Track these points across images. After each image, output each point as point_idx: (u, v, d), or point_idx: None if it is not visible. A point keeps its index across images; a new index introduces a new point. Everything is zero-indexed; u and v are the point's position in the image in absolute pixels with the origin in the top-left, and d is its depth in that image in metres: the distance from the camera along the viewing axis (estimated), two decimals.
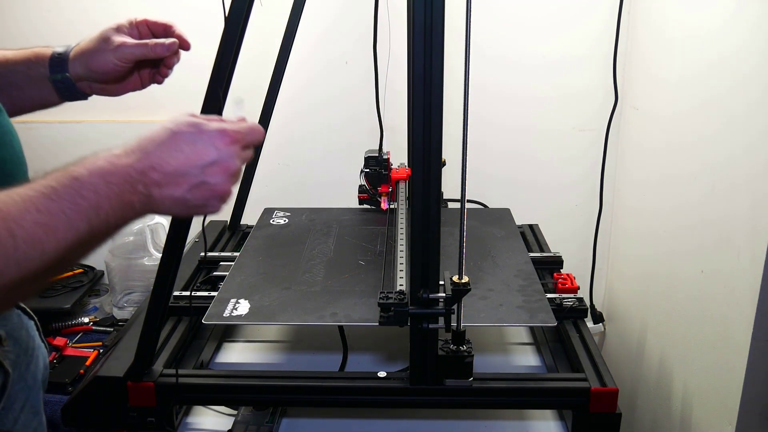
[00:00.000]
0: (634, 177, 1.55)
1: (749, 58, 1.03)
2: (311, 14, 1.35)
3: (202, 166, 0.62)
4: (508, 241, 1.24)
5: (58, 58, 0.81)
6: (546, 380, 0.94)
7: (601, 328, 1.70)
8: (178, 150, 0.62)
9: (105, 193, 0.57)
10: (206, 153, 0.63)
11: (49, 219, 0.53)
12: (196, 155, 0.62)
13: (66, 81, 0.81)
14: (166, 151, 0.61)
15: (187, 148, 0.62)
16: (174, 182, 0.61)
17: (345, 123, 1.65)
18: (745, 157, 1.04)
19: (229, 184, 0.65)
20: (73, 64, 0.81)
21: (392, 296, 0.86)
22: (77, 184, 0.56)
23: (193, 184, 0.62)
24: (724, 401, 1.07)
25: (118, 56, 0.80)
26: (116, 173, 0.58)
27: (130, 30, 0.83)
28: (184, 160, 0.62)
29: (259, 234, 1.29)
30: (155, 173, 0.60)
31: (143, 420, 0.92)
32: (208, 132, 0.63)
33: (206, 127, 0.64)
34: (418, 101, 0.76)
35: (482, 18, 1.53)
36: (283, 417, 1.02)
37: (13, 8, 1.57)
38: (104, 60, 0.80)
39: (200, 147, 0.62)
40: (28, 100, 0.83)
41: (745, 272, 1.01)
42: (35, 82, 0.81)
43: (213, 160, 0.63)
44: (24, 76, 0.81)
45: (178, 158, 0.61)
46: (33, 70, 0.81)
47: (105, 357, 0.97)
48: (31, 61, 0.81)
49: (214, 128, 0.64)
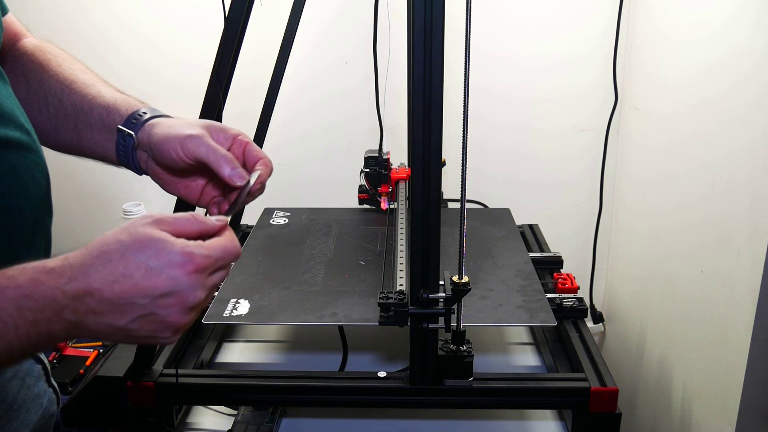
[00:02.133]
0: (634, 177, 1.55)
1: (749, 58, 1.03)
2: (311, 14, 1.35)
3: (153, 297, 0.51)
4: (508, 241, 1.24)
5: (139, 117, 0.71)
6: (546, 380, 0.94)
7: (601, 328, 1.70)
8: (126, 274, 0.50)
9: (13, 321, 0.47)
10: (160, 283, 0.51)
11: None
12: (146, 283, 0.50)
13: (128, 140, 0.70)
14: (110, 274, 0.50)
15: (137, 274, 0.50)
16: (115, 311, 0.51)
17: (345, 123, 1.65)
18: (745, 156, 1.04)
19: (184, 317, 0.54)
20: (144, 129, 0.70)
21: (392, 296, 0.86)
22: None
23: (139, 315, 0.52)
24: (724, 401, 1.07)
25: (182, 144, 0.65)
26: (36, 297, 0.48)
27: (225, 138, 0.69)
28: (131, 288, 0.50)
29: (259, 234, 1.29)
30: (92, 300, 0.50)
31: (143, 420, 0.92)
32: (168, 256, 0.51)
33: (168, 248, 0.51)
34: (418, 101, 0.76)
35: (482, 18, 1.53)
36: (283, 417, 1.02)
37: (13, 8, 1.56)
38: (169, 141, 0.66)
39: (154, 274, 0.51)
40: (93, 145, 0.73)
41: (745, 272, 1.01)
42: (106, 129, 0.72)
43: (167, 291, 0.51)
44: (99, 120, 0.72)
45: (123, 285, 0.50)
46: (110, 117, 0.72)
47: (105, 357, 0.97)
48: (115, 107, 0.72)
49: (177, 251, 0.52)
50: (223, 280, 0.57)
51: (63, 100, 0.74)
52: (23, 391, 0.75)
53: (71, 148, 0.75)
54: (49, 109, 0.74)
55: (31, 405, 0.76)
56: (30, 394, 0.76)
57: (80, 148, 0.74)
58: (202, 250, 0.53)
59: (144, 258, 0.51)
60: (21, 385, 0.75)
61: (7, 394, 0.73)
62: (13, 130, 0.64)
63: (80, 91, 0.74)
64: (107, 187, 1.68)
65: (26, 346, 0.49)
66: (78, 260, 0.51)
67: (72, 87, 0.74)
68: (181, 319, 0.54)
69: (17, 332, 0.48)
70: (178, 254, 0.52)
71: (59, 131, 0.74)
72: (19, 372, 0.75)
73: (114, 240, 0.52)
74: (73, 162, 0.80)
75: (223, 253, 0.55)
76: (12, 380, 0.74)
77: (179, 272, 0.51)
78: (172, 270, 0.51)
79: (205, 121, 0.70)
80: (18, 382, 0.75)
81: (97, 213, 1.71)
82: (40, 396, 0.78)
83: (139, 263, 0.51)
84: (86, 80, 0.75)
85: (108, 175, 1.66)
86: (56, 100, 0.74)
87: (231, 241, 0.57)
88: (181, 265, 0.51)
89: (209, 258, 0.53)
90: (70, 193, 1.67)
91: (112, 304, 0.51)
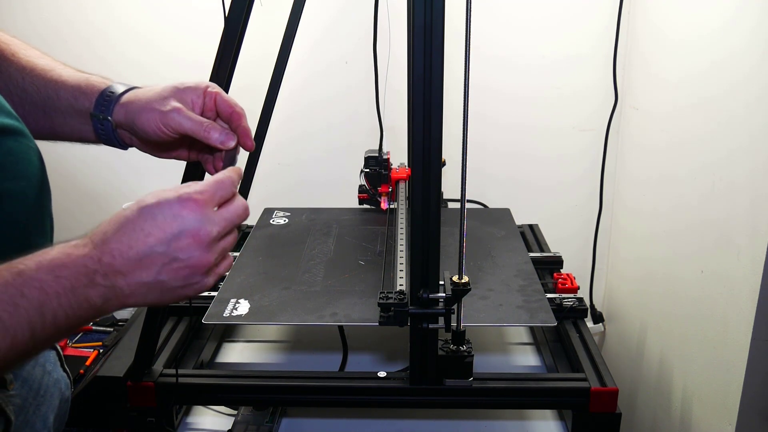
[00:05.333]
0: (634, 177, 1.55)
1: (749, 58, 1.03)
2: (311, 14, 1.35)
3: (166, 242, 0.54)
4: (508, 241, 1.24)
5: (108, 97, 0.71)
6: (546, 380, 0.94)
7: (601, 328, 1.70)
8: (138, 230, 0.54)
9: (54, 290, 0.49)
10: (167, 225, 0.54)
11: None
12: (157, 230, 0.54)
13: (105, 123, 0.71)
14: (126, 234, 0.54)
15: (147, 225, 0.54)
16: (140, 266, 0.54)
17: (345, 123, 1.65)
18: (744, 156, 1.04)
19: (206, 254, 0.56)
20: (118, 110, 0.70)
21: (392, 296, 0.86)
22: (20, 281, 0.48)
23: (163, 263, 0.54)
24: (724, 401, 1.07)
25: (164, 122, 0.67)
26: (69, 265, 0.51)
27: (195, 94, 0.71)
28: (145, 239, 0.54)
29: (259, 234, 1.29)
30: (116, 260, 0.53)
31: (143, 420, 0.92)
32: (167, 202, 0.55)
33: (167, 197, 0.56)
34: (418, 101, 0.76)
35: (482, 18, 1.53)
36: (283, 417, 1.02)
37: (12, 8, 1.57)
38: (150, 120, 0.68)
39: (160, 220, 0.54)
40: (69, 129, 0.74)
41: (745, 272, 1.01)
42: (78, 114, 0.72)
43: (177, 231, 0.55)
44: (68, 104, 0.72)
45: (138, 238, 0.54)
46: (78, 101, 0.72)
47: (105, 357, 0.98)
48: (81, 89, 0.72)
49: (173, 196, 0.56)
50: (235, 215, 0.60)
51: (26, 89, 0.73)
52: (45, 377, 0.76)
53: (44, 135, 0.74)
54: (14, 99, 0.72)
55: (54, 390, 0.77)
56: (51, 380, 0.77)
57: (54, 133, 0.74)
58: (195, 187, 0.57)
59: (148, 212, 0.55)
60: (43, 371, 0.76)
61: (33, 381, 0.74)
62: (5, 117, 0.64)
63: (42, 77, 0.73)
64: (107, 187, 1.68)
65: (70, 317, 0.51)
66: (99, 231, 0.54)
67: (33, 74, 0.73)
68: (203, 258, 0.56)
69: (59, 302, 0.50)
70: (175, 198, 0.55)
71: (29, 120, 0.72)
72: (40, 359, 0.76)
73: (128, 210, 0.55)
74: (73, 162, 0.80)
75: (216, 186, 0.58)
76: (35, 367, 0.75)
77: (181, 211, 0.55)
78: (174, 210, 0.55)
79: (173, 87, 0.70)
80: (40, 368, 0.76)
81: (97, 213, 1.71)
82: (59, 381, 0.79)
83: (146, 216, 0.54)
84: (45, 66, 0.74)
85: (108, 174, 1.66)
86: (19, 90, 0.73)
87: (220, 176, 0.60)
88: (180, 205, 0.55)
89: (205, 193, 0.57)
90: (70, 193, 1.67)
91: (134, 259, 0.53)
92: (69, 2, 1.56)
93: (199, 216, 0.56)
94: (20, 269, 0.49)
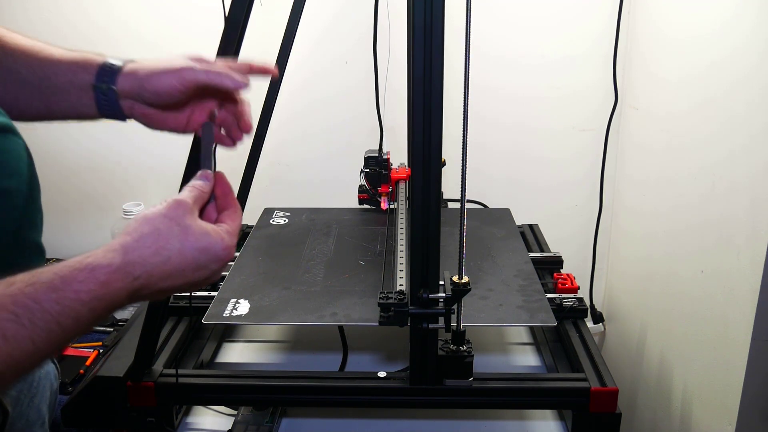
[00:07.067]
0: (634, 177, 1.55)
1: (749, 58, 1.03)
2: (311, 14, 1.35)
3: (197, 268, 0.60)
4: (508, 241, 1.24)
5: (109, 69, 0.73)
6: (546, 380, 0.94)
7: (601, 328, 1.70)
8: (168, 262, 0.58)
9: (85, 319, 0.52)
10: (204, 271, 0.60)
11: (13, 348, 0.47)
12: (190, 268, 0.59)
13: (109, 93, 0.73)
14: (164, 269, 0.57)
15: (189, 272, 0.59)
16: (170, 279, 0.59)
17: (345, 123, 1.65)
18: (744, 157, 1.04)
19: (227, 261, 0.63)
20: (123, 79, 0.72)
21: (392, 296, 0.86)
22: (57, 309, 0.50)
23: (192, 283, 0.61)
24: (724, 401, 1.07)
25: (179, 77, 0.69)
26: (104, 298, 0.53)
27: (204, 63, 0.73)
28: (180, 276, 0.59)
29: (259, 234, 1.29)
30: (149, 290, 0.57)
31: (143, 420, 0.92)
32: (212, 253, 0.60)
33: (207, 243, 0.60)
34: (418, 101, 0.76)
35: (482, 18, 1.53)
36: (283, 417, 1.02)
37: (12, 8, 1.57)
38: (163, 80, 0.70)
39: (201, 268, 0.60)
40: (66, 107, 0.75)
41: (745, 272, 1.01)
42: (77, 89, 0.73)
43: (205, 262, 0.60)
44: (67, 81, 0.73)
45: (176, 280, 0.59)
46: (78, 76, 0.73)
47: (105, 357, 0.97)
48: (78, 65, 0.73)
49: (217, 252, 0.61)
50: None
51: (19, 71, 0.73)
52: (38, 369, 0.77)
53: (38, 116, 0.74)
54: (5, 84, 0.73)
55: (45, 382, 0.79)
56: (43, 372, 0.79)
57: (50, 113, 0.75)
58: (229, 238, 0.62)
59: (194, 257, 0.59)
60: None
61: (28, 409, 0.75)
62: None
63: (35, 57, 0.73)
64: (107, 187, 1.68)
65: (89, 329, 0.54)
66: (137, 259, 0.56)
67: (24, 56, 0.73)
68: (225, 265, 0.62)
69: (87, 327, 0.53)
70: (215, 255, 0.60)
71: (20, 103, 0.73)
72: None
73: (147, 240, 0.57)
74: (72, 162, 0.80)
75: (239, 226, 0.65)
76: None
77: (220, 263, 0.61)
78: (217, 263, 0.61)
79: (176, 56, 0.73)
80: (30, 395, 0.76)
81: (96, 213, 1.71)
82: (49, 373, 0.81)
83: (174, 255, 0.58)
84: (34, 46, 0.74)
85: (108, 174, 1.66)
86: (9, 72, 0.73)
87: (239, 217, 0.66)
88: (219, 259, 0.61)
89: (233, 243, 0.62)
90: (70, 194, 1.67)
91: (165, 290, 0.58)
92: (69, 2, 1.56)
93: (227, 259, 0.61)
94: (57, 298, 0.51)
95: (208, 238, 0.60)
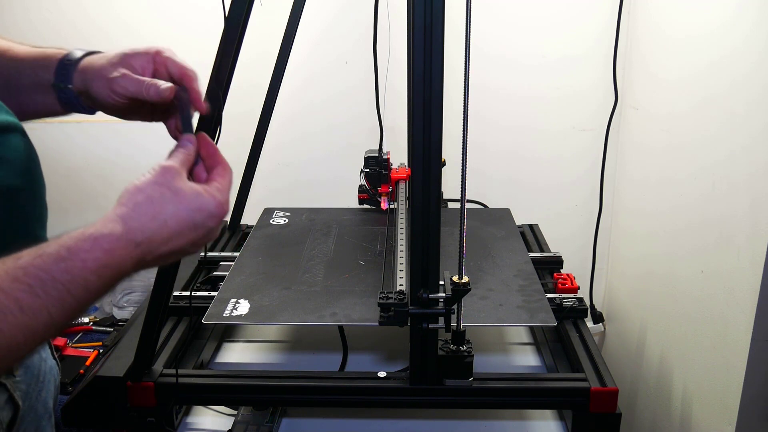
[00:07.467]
0: (634, 177, 1.55)
1: (749, 58, 1.03)
2: (311, 14, 1.35)
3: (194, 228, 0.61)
4: (508, 241, 1.24)
5: (66, 65, 0.72)
6: (546, 380, 0.94)
7: (601, 328, 1.70)
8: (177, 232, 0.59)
9: (95, 288, 0.54)
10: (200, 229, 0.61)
11: (31, 320, 0.49)
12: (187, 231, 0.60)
13: (68, 92, 0.72)
14: (164, 232, 0.59)
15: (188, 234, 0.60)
16: (174, 252, 0.60)
17: (345, 123, 1.65)
18: (744, 156, 1.04)
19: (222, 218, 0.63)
20: (77, 77, 0.72)
21: (392, 296, 0.86)
22: (68, 278, 0.52)
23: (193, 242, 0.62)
24: (724, 401, 1.07)
25: (112, 88, 0.69)
26: (111, 266, 0.55)
27: (145, 59, 0.71)
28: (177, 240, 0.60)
29: (259, 234, 1.29)
30: (152, 255, 0.59)
31: (143, 420, 0.92)
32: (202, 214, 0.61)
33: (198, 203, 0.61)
34: (418, 101, 0.76)
35: (482, 18, 1.53)
36: (283, 417, 1.02)
37: (12, 8, 1.57)
38: (100, 87, 0.70)
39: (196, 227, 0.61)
40: (34, 106, 0.75)
41: (745, 272, 1.01)
42: (41, 88, 0.73)
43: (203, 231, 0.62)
44: (30, 81, 0.72)
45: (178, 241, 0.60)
46: (39, 75, 0.72)
47: (105, 357, 0.97)
48: (39, 63, 0.73)
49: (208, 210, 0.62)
50: None
51: None
52: (42, 364, 0.78)
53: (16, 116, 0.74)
54: None
55: (49, 377, 0.80)
56: (47, 367, 0.80)
57: (23, 113, 0.73)
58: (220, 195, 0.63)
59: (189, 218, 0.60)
60: (40, 358, 0.78)
61: (34, 368, 0.76)
62: (5, 114, 0.66)
63: (2, 57, 0.73)
64: (107, 187, 1.68)
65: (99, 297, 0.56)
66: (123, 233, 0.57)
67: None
68: (220, 223, 0.63)
69: (98, 296, 0.55)
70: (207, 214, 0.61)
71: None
72: None
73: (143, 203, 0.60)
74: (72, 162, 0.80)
75: (229, 183, 0.66)
76: (34, 354, 0.77)
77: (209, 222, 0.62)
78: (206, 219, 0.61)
79: (123, 53, 0.71)
80: (38, 356, 0.78)
81: (96, 213, 1.70)
82: (53, 368, 0.82)
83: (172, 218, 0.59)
84: (2, 46, 0.74)
85: (108, 174, 1.66)
86: None
87: (229, 173, 0.67)
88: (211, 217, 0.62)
89: (225, 202, 0.63)
90: (69, 193, 1.67)
91: (168, 254, 0.60)
92: (69, 2, 1.56)
93: (220, 219, 0.62)
94: (67, 267, 0.52)
95: (200, 198, 0.61)
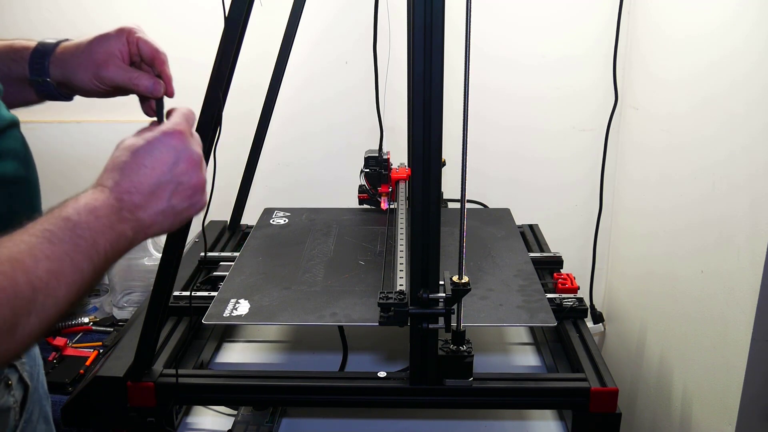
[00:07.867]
0: (634, 177, 1.55)
1: (749, 58, 1.03)
2: (311, 14, 1.35)
3: (170, 171, 0.62)
4: (508, 241, 1.24)
5: (40, 58, 0.73)
6: (546, 380, 0.94)
7: (601, 328, 1.70)
8: (142, 167, 0.61)
9: (98, 228, 0.56)
10: (165, 157, 0.62)
11: (57, 265, 0.52)
12: (159, 163, 0.61)
13: (46, 85, 0.74)
14: (132, 173, 0.60)
15: (148, 161, 0.61)
16: (154, 197, 0.61)
17: (345, 123, 1.65)
18: (744, 156, 1.04)
19: (200, 173, 0.64)
20: (53, 68, 0.73)
21: (392, 296, 0.86)
22: (71, 224, 0.55)
23: (171, 191, 0.62)
24: (724, 401, 1.07)
25: (98, 78, 0.72)
26: (101, 207, 0.58)
27: (120, 42, 0.73)
28: (152, 172, 0.61)
29: (259, 234, 1.29)
30: (134, 196, 0.60)
31: (143, 420, 0.92)
32: (156, 139, 0.62)
33: (152, 135, 0.62)
34: (418, 101, 0.76)
35: (482, 18, 1.53)
36: (283, 417, 1.02)
37: (13, 8, 1.57)
38: (84, 77, 0.72)
39: (158, 154, 0.61)
40: (10, 99, 0.75)
41: (745, 272, 1.01)
42: (16, 81, 0.74)
43: (175, 159, 0.62)
44: (3, 75, 0.73)
45: (145, 173, 0.61)
46: (13, 70, 0.74)
47: (105, 357, 0.97)
48: (10, 57, 0.74)
49: (160, 132, 0.63)
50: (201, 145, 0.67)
51: None
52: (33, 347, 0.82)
53: None
54: None
55: (39, 360, 0.84)
56: (36, 350, 0.83)
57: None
58: (172, 123, 0.64)
59: (144, 150, 0.61)
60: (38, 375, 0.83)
61: (32, 351, 0.81)
62: (5, 110, 0.67)
63: None
64: None
65: (114, 250, 0.58)
66: (106, 178, 0.61)
67: None
68: (200, 177, 0.64)
69: (105, 237, 0.57)
70: (162, 133, 0.62)
71: None
72: None
73: (116, 156, 0.62)
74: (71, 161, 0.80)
75: (184, 116, 0.66)
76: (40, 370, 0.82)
77: (171, 142, 0.62)
78: (165, 143, 0.62)
79: (98, 39, 0.72)
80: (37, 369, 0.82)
81: None
82: (38, 354, 0.85)
83: (143, 154, 0.61)
84: None
85: None
86: None
87: (181, 108, 0.68)
88: (169, 137, 0.62)
89: (180, 124, 0.64)
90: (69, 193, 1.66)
91: (147, 193, 0.60)
92: (69, 2, 1.56)
93: (186, 143, 0.63)
94: (65, 215, 0.55)
95: (162, 136, 0.62)
